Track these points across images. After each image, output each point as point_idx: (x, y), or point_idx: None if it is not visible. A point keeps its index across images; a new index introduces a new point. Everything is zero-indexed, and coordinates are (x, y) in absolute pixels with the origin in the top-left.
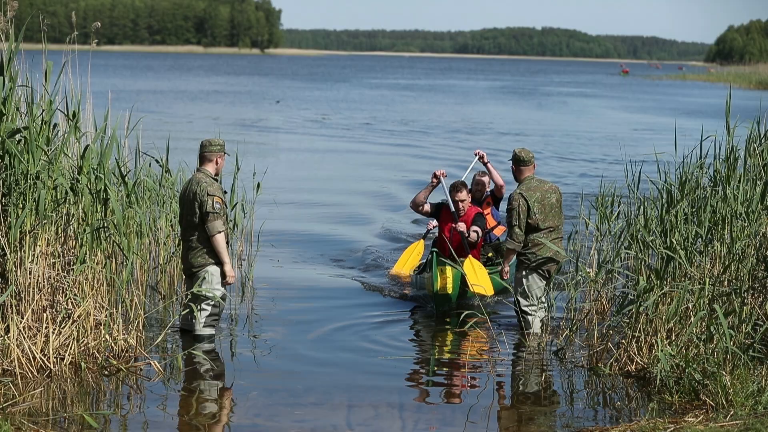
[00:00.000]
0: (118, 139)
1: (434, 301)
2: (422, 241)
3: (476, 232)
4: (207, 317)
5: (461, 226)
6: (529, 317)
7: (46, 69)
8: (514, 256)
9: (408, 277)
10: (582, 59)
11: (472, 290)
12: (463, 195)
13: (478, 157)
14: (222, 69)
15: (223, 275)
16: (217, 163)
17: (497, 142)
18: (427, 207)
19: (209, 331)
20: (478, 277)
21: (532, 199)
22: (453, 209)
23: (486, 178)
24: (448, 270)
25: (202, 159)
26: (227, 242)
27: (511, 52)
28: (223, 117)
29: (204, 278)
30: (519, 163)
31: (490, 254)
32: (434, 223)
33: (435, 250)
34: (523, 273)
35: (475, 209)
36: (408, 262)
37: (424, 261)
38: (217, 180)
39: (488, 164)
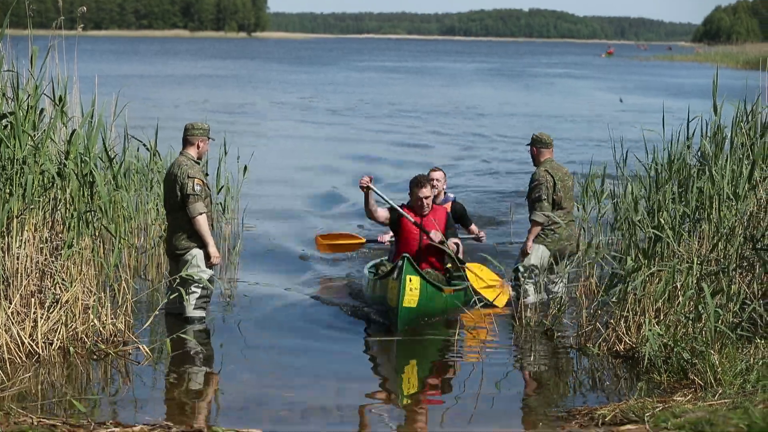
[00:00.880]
0: (105, 124)
1: (395, 316)
2: (363, 240)
3: (456, 244)
4: (197, 300)
5: (437, 236)
6: (527, 287)
7: (32, 54)
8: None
9: (325, 245)
10: (569, 40)
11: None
12: (427, 191)
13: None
14: (208, 53)
15: (208, 257)
16: (198, 147)
17: (485, 124)
18: (382, 212)
19: (199, 313)
20: (486, 280)
21: (556, 176)
22: (404, 213)
23: (440, 174)
24: (416, 281)
25: (185, 142)
26: (211, 225)
27: (499, 33)
28: (210, 101)
29: (189, 262)
30: (540, 144)
31: (448, 265)
32: (388, 237)
33: (407, 255)
34: (534, 245)
35: (444, 209)
36: (335, 240)
37: (379, 262)
38: (198, 163)
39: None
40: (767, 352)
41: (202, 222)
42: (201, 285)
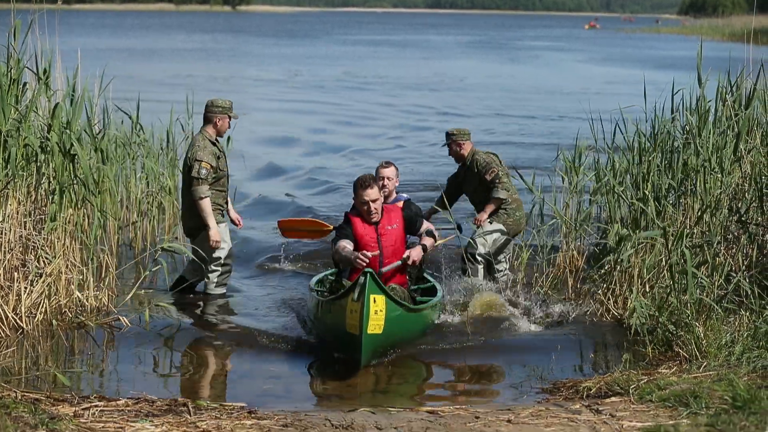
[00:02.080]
0: (89, 96)
1: (357, 346)
2: (330, 228)
3: (430, 232)
4: (218, 277)
5: (415, 254)
6: (478, 266)
7: (14, 28)
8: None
9: (288, 231)
10: (555, 13)
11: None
12: (374, 193)
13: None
14: (193, 27)
15: (208, 238)
16: (216, 125)
17: (471, 98)
18: (345, 244)
19: (221, 290)
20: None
21: (497, 160)
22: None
23: (392, 170)
24: (381, 301)
25: (204, 119)
26: (225, 204)
27: (485, 6)
28: (195, 75)
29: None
30: (464, 137)
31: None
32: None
33: (370, 270)
34: (491, 222)
35: (398, 209)
36: (298, 225)
37: (324, 277)
38: (216, 143)
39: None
40: (752, 324)
41: (204, 205)
42: (217, 263)
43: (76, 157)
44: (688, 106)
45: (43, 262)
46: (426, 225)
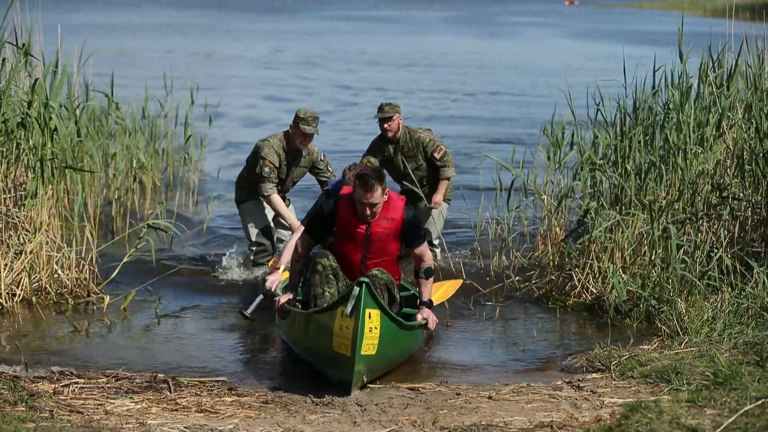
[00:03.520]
0: (69, 73)
1: (347, 368)
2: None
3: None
4: (254, 257)
5: (432, 319)
6: (436, 250)
7: None
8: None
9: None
10: None
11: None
12: (378, 196)
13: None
14: (173, 2)
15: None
16: (289, 132)
17: (452, 73)
18: (304, 244)
19: (256, 270)
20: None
21: None
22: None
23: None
24: (377, 316)
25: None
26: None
27: None
28: (176, 50)
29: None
30: (397, 110)
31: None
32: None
33: (365, 280)
34: (447, 206)
35: (399, 207)
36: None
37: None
38: (287, 150)
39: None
40: (734, 300)
41: (273, 201)
42: (254, 243)
43: (56, 132)
44: (669, 82)
45: (24, 239)
46: (426, 253)
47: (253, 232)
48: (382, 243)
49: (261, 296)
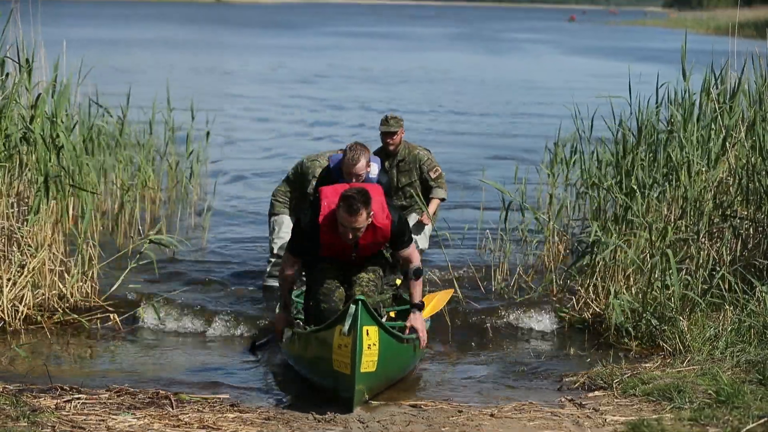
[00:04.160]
0: (70, 89)
1: (348, 386)
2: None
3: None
4: (270, 268)
5: (423, 332)
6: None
7: None
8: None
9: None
10: (540, 6)
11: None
12: (362, 219)
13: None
14: (176, 18)
15: None
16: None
17: (451, 89)
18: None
19: (271, 281)
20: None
21: None
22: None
23: (364, 161)
24: (375, 333)
25: None
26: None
27: None
28: (177, 66)
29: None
30: (401, 124)
31: (397, 281)
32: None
33: (361, 298)
34: (431, 227)
35: (385, 229)
36: None
37: (296, 299)
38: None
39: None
40: (736, 318)
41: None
42: (274, 255)
43: (62, 148)
44: (672, 99)
45: (26, 254)
46: (413, 254)
47: (278, 244)
48: (369, 255)
49: (272, 336)
